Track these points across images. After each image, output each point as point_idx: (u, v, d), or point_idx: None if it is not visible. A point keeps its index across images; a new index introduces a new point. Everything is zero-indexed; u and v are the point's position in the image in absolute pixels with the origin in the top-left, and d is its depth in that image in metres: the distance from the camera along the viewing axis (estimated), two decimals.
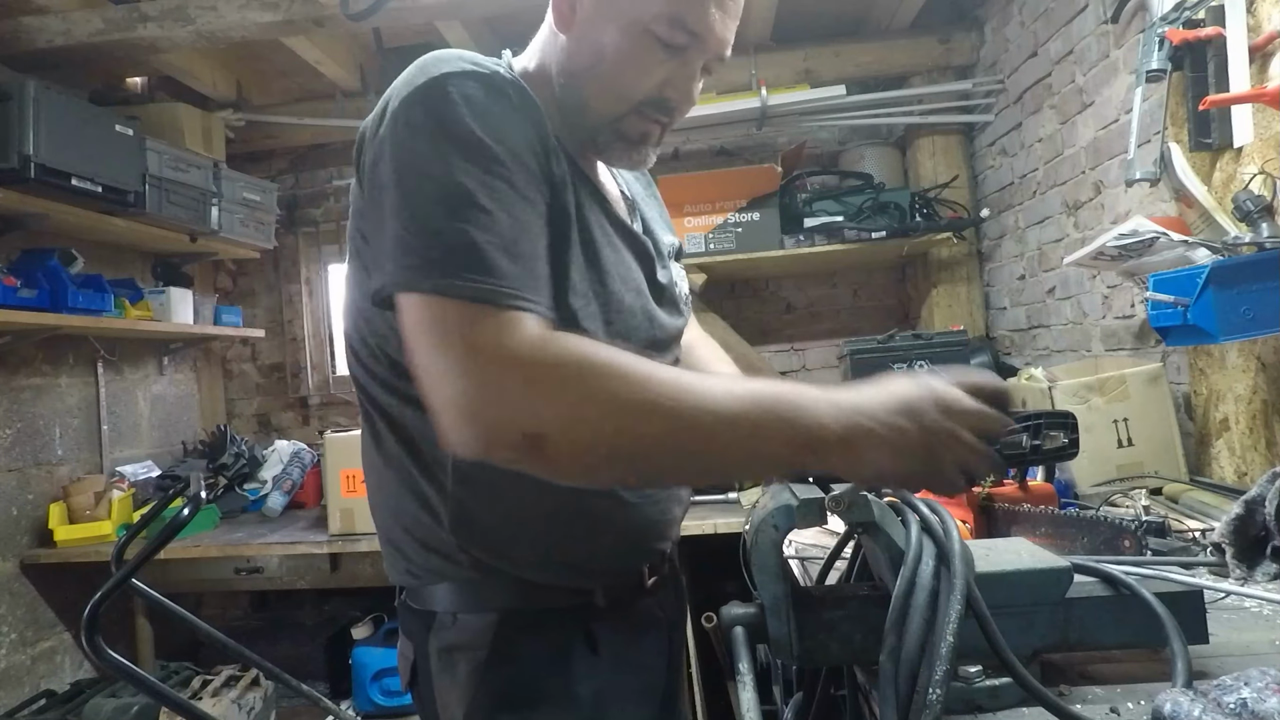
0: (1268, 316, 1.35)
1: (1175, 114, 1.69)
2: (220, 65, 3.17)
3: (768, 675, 1.71)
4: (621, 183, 1.05)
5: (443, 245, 0.70)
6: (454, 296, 0.69)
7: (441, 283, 0.69)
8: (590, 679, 0.87)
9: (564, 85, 0.89)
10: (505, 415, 0.67)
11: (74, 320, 2.50)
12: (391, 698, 2.76)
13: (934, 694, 0.60)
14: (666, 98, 0.87)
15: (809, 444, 0.68)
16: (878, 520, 0.72)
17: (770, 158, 3.21)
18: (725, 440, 0.68)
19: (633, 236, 0.94)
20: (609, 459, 0.69)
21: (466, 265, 0.69)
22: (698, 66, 0.88)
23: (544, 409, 0.67)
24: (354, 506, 2.47)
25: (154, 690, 1.50)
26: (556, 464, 0.69)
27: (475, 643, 0.86)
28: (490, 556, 0.86)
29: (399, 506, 0.89)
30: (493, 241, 0.71)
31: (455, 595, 0.88)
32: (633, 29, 0.83)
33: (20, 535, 2.62)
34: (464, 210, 0.71)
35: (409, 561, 0.90)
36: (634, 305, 0.89)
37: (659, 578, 0.99)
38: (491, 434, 0.68)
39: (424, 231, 0.71)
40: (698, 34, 0.84)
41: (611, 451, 0.69)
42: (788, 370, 3.49)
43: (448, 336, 0.69)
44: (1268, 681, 0.64)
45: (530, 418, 0.67)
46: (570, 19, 0.87)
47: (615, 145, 0.90)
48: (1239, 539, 1.05)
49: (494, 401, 0.67)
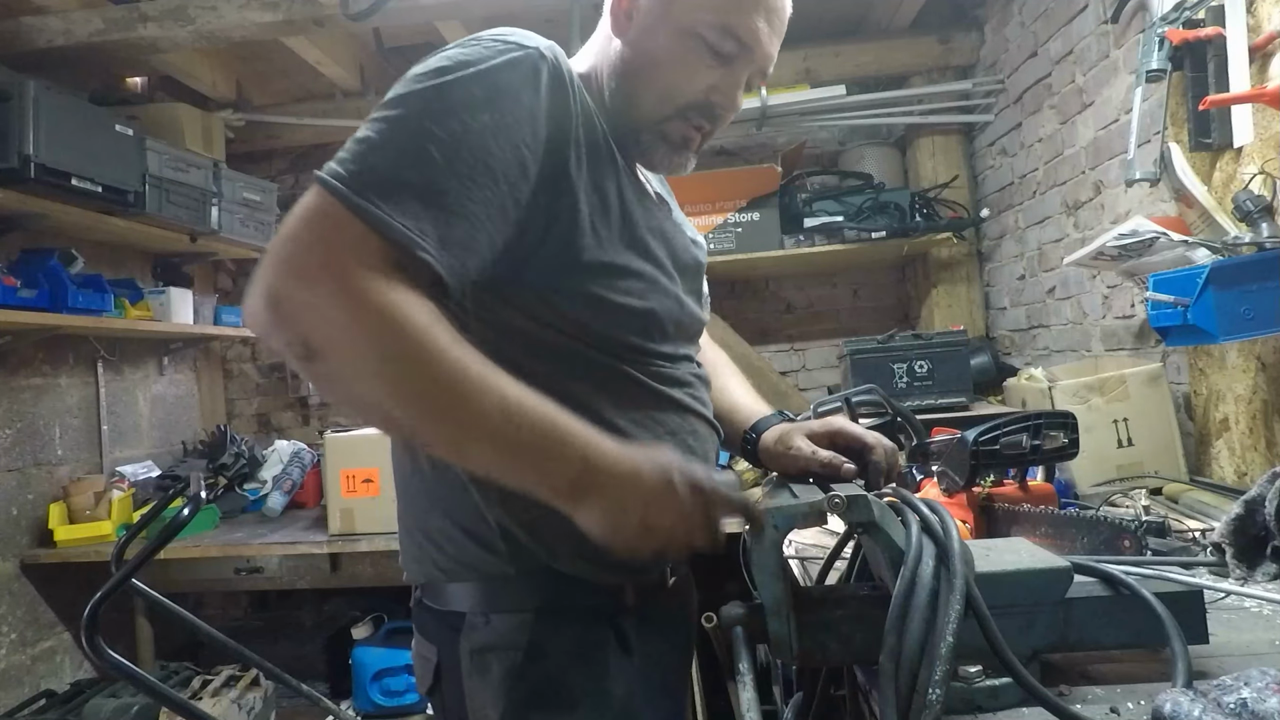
0: (1268, 316, 1.35)
1: (1175, 114, 1.69)
2: (220, 65, 3.17)
3: (768, 675, 1.71)
4: (652, 185, 1.07)
5: (378, 168, 0.72)
6: (353, 211, 0.70)
7: (354, 199, 0.70)
8: (623, 677, 0.88)
9: (614, 88, 0.93)
10: (298, 319, 0.69)
11: (74, 320, 2.50)
12: (391, 698, 2.76)
13: (934, 694, 0.60)
14: (712, 103, 0.92)
15: (546, 471, 0.73)
16: (878, 520, 0.73)
17: (770, 158, 3.21)
18: (476, 427, 0.71)
19: (666, 226, 0.97)
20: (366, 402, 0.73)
21: (383, 194, 0.71)
22: (743, 76, 0.93)
23: (332, 332, 0.69)
24: (354, 506, 2.47)
25: (154, 690, 1.50)
26: (320, 379, 0.72)
27: (509, 643, 0.86)
28: (534, 542, 0.86)
29: (441, 491, 0.89)
30: (420, 187, 0.72)
31: (485, 594, 0.88)
32: (685, 35, 0.88)
33: (20, 535, 2.62)
34: (415, 150, 0.73)
35: (441, 553, 0.90)
36: (669, 287, 0.93)
37: (679, 578, 1.01)
38: (277, 323, 0.70)
39: (375, 149, 0.73)
40: (746, 44, 0.89)
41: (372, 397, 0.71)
42: (788, 370, 3.49)
43: (324, 235, 0.70)
44: (1268, 681, 0.64)
45: (315, 331, 0.69)
46: (626, 25, 0.91)
47: (658, 147, 0.94)
48: (1239, 539, 1.05)
49: (302, 306, 0.69)
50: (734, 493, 0.77)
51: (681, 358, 0.97)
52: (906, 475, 1.43)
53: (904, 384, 2.45)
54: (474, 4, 2.51)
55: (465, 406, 0.71)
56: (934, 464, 1.30)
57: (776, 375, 3.27)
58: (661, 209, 1.02)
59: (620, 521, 0.74)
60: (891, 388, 2.41)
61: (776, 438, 1.03)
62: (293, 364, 0.72)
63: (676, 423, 0.93)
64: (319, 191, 0.72)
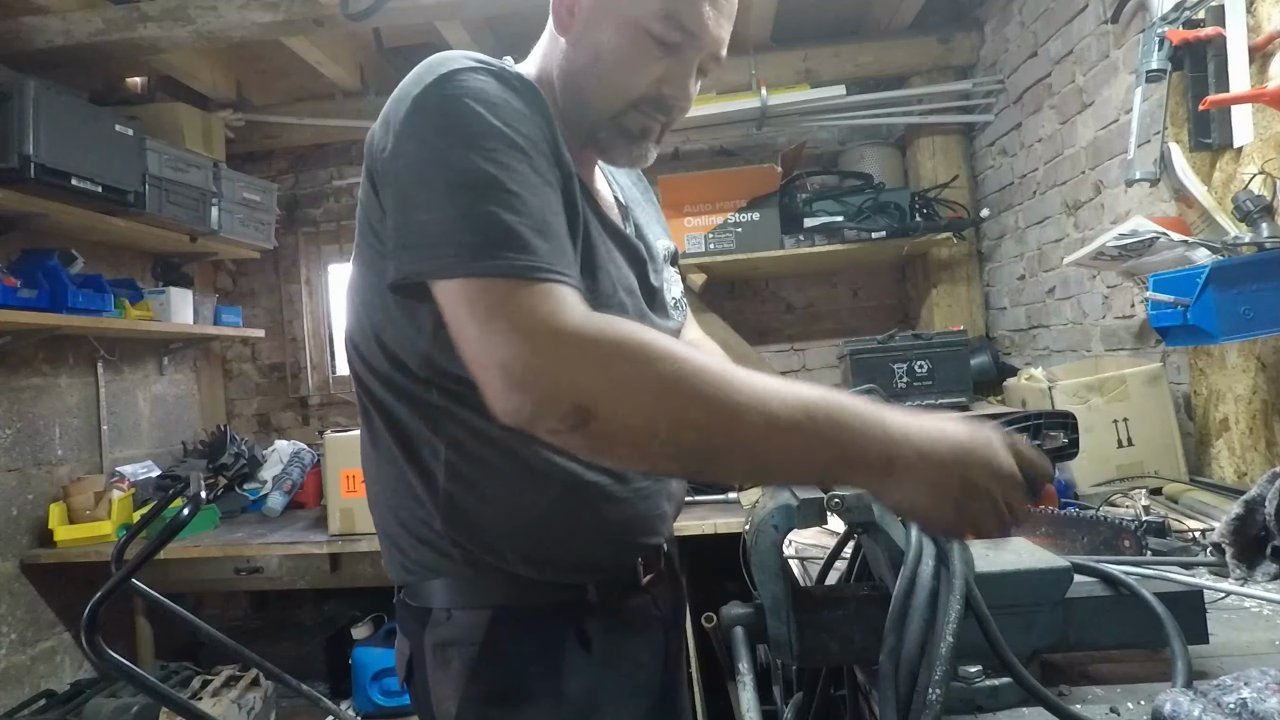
0: (1268, 316, 1.35)
1: (1175, 114, 1.69)
2: (220, 65, 3.17)
3: (768, 675, 1.71)
4: (616, 188, 1.06)
5: (474, 229, 0.71)
6: (496, 276, 0.69)
7: (479, 265, 0.70)
8: (582, 676, 0.88)
9: (565, 86, 0.91)
10: (556, 384, 0.67)
11: (74, 320, 2.50)
12: (391, 698, 2.76)
13: (934, 694, 0.60)
14: (664, 95, 0.89)
15: (849, 462, 0.69)
16: (878, 520, 0.73)
17: (770, 158, 3.21)
18: (769, 442, 0.68)
19: (624, 239, 0.95)
20: (653, 440, 0.69)
21: (503, 244, 0.70)
22: (694, 65, 0.90)
23: (595, 381, 0.67)
24: (354, 506, 2.47)
25: (154, 690, 1.49)
26: (601, 439, 0.69)
27: (468, 638, 0.87)
28: (482, 551, 0.87)
29: (395, 501, 0.90)
30: (524, 222, 0.72)
31: (450, 591, 0.89)
32: (629, 27, 0.86)
33: (20, 535, 2.62)
34: (490, 194, 0.72)
35: (405, 557, 0.91)
36: (626, 304, 0.91)
37: (655, 575, 0.98)
38: (541, 402, 0.68)
39: (451, 218, 0.72)
40: (693, 32, 0.86)
41: (656, 432, 0.68)
42: (788, 370, 3.49)
43: (495, 310, 0.69)
44: (1268, 681, 0.64)
45: (581, 389, 0.67)
46: (569, 22, 0.89)
47: (617, 141, 0.92)
48: (1239, 539, 1.05)
49: (546, 370, 0.67)
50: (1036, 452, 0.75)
51: None
52: None
53: (904, 384, 2.45)
54: (474, 4, 2.51)
55: (752, 409, 0.67)
56: None
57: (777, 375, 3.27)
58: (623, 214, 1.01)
59: (942, 492, 0.70)
60: (891, 388, 2.41)
61: None
62: (569, 444, 0.70)
63: None
64: (460, 287, 0.71)
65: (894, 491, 0.70)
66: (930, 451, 0.69)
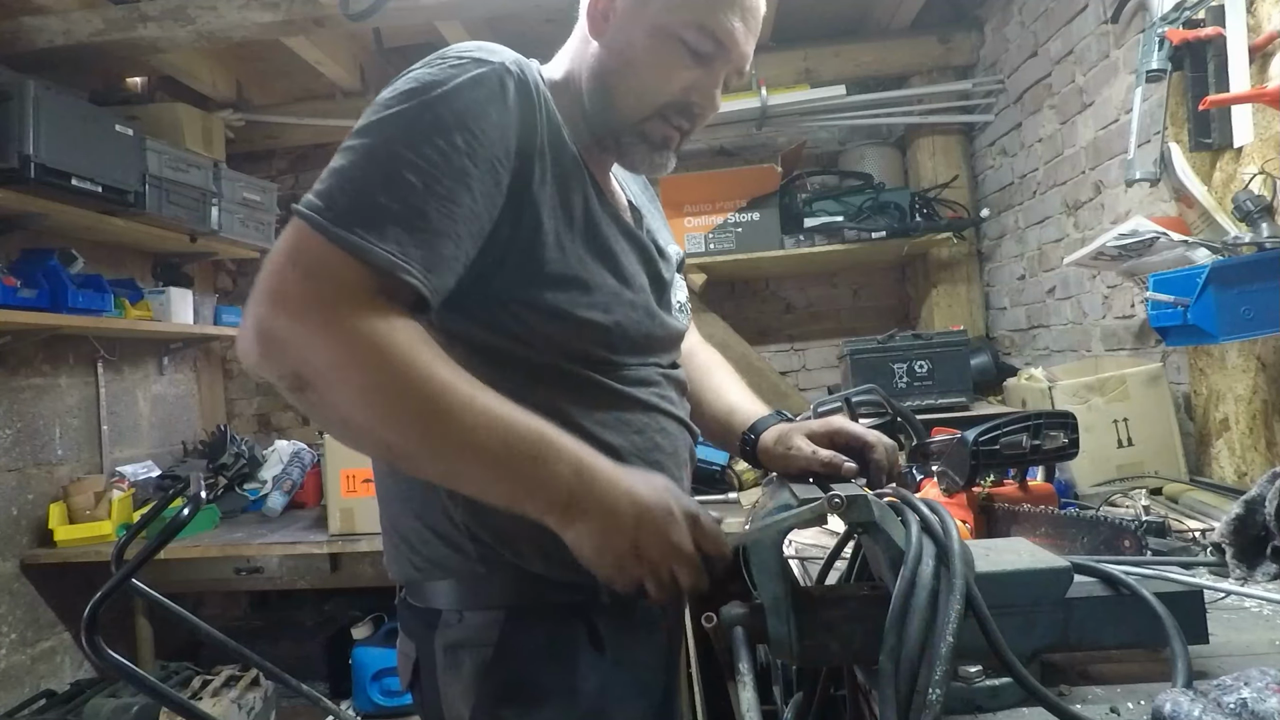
0: (1268, 316, 1.35)
1: (1175, 114, 1.69)
2: (220, 65, 3.17)
3: (768, 675, 1.71)
4: (628, 193, 1.07)
5: (356, 197, 0.74)
6: (336, 244, 0.72)
7: (333, 229, 0.72)
8: (594, 675, 0.88)
9: (594, 88, 0.93)
10: (285, 352, 0.71)
11: (74, 320, 2.50)
12: (391, 698, 2.76)
13: (934, 694, 0.60)
14: (691, 102, 0.92)
15: (531, 495, 0.75)
16: (878, 520, 0.72)
17: (770, 158, 3.21)
18: (460, 459, 0.74)
19: (636, 238, 0.97)
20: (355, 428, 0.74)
21: (366, 224, 0.73)
22: (721, 76, 0.93)
23: (321, 364, 0.71)
24: (354, 506, 2.47)
25: (154, 690, 1.50)
26: (314, 410, 0.74)
27: (480, 639, 0.87)
28: (498, 544, 0.87)
29: (411, 493, 0.91)
30: (403, 212, 0.74)
31: (459, 592, 0.89)
32: (662, 33, 0.89)
33: (20, 535, 2.62)
34: (390, 174, 0.74)
35: (414, 553, 0.91)
36: (635, 300, 0.93)
37: None
38: (267, 357, 0.72)
39: (347, 176, 0.75)
40: (723, 43, 0.90)
41: (357, 421, 0.73)
42: (788, 370, 3.49)
43: (311, 269, 0.72)
44: (1268, 681, 0.64)
45: (306, 363, 0.71)
46: (603, 26, 0.92)
47: (638, 147, 0.95)
48: (1239, 539, 1.05)
49: (290, 339, 0.71)
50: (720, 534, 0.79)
51: (650, 366, 0.97)
52: (906, 475, 1.43)
53: (904, 384, 2.45)
54: (474, 4, 2.51)
55: (453, 429, 0.72)
56: (934, 464, 1.30)
57: (776, 375, 3.27)
58: (636, 218, 1.02)
59: (609, 545, 0.75)
60: (891, 388, 2.41)
61: (776, 438, 1.03)
62: (285, 395, 0.73)
63: (643, 421, 0.93)
64: (298, 225, 0.74)
65: (568, 532, 0.75)
66: (612, 507, 0.74)
